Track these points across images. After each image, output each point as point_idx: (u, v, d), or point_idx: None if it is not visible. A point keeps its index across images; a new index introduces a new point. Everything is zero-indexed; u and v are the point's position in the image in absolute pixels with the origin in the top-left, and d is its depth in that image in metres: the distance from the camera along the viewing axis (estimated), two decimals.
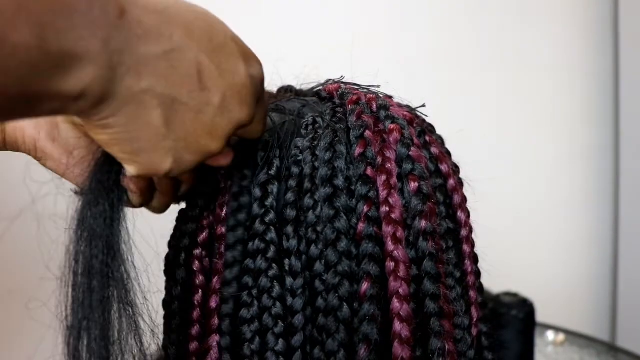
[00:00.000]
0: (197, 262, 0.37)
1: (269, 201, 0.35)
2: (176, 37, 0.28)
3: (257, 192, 0.36)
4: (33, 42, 0.22)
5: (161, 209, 0.38)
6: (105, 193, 0.32)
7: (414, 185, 0.35)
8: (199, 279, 0.37)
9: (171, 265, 0.39)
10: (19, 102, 0.24)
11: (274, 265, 0.35)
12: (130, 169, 0.30)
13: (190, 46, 0.28)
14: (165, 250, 0.40)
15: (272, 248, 0.35)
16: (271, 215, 0.35)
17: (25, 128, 0.35)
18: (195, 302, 0.37)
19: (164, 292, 0.39)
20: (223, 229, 0.37)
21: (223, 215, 0.37)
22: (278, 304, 0.34)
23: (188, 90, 0.29)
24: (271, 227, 0.35)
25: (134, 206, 0.35)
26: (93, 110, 0.26)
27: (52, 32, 0.23)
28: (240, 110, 0.32)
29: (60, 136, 0.35)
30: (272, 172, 0.36)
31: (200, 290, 0.37)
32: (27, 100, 0.24)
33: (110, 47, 0.25)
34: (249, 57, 0.32)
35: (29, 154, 0.36)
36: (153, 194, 0.37)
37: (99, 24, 0.24)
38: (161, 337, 0.39)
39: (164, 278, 0.40)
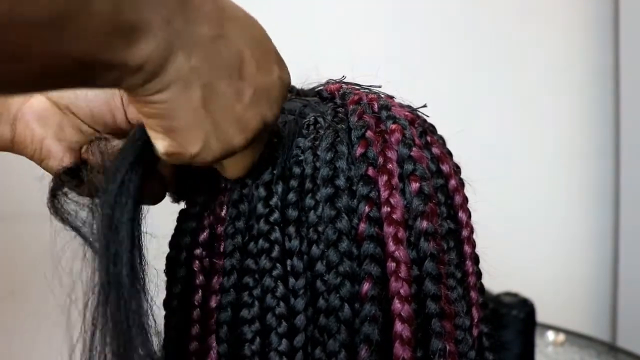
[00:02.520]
0: (197, 262, 0.37)
1: (274, 201, 0.35)
2: (227, 26, 0.30)
3: (262, 191, 0.36)
4: (110, 10, 0.24)
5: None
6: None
7: (415, 185, 0.35)
8: (199, 279, 0.37)
9: (172, 264, 0.39)
10: (87, 68, 0.25)
11: (278, 265, 0.35)
12: (159, 146, 0.31)
13: (237, 37, 0.31)
14: (166, 250, 0.40)
15: (277, 248, 0.35)
16: (275, 215, 0.35)
17: (35, 128, 0.37)
18: (195, 302, 0.37)
19: (164, 292, 0.39)
20: (222, 228, 0.37)
21: (223, 214, 0.37)
22: (282, 303, 0.34)
23: (228, 76, 0.30)
24: (275, 227, 0.35)
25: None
26: (146, 85, 0.28)
27: (127, 4, 0.25)
28: (268, 109, 0.33)
29: (65, 137, 0.38)
30: (276, 172, 0.36)
31: (200, 290, 0.37)
32: (93, 67, 0.25)
33: (171, 25, 0.27)
34: (282, 63, 0.34)
35: (32, 155, 0.38)
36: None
37: (165, 3, 0.27)
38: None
39: (165, 278, 0.39)
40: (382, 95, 0.42)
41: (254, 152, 0.35)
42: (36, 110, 0.37)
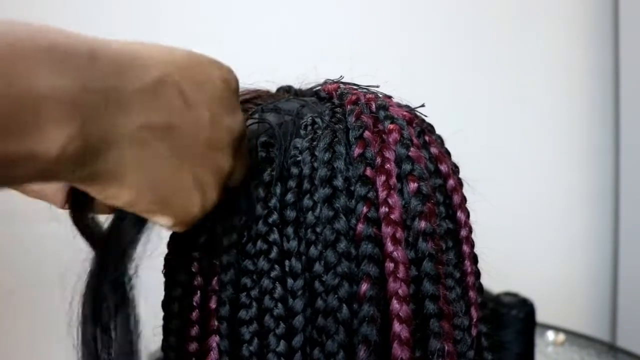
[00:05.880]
0: (195, 264, 0.37)
1: (273, 202, 0.35)
2: (152, 68, 0.27)
3: (260, 192, 0.36)
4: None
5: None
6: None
7: (413, 185, 0.35)
8: (198, 280, 0.37)
9: (170, 266, 0.39)
10: None
11: (276, 266, 0.35)
12: (165, 222, 0.30)
13: (165, 71, 0.28)
14: (164, 251, 0.40)
15: (275, 249, 0.35)
16: (275, 216, 0.35)
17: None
18: (194, 303, 0.37)
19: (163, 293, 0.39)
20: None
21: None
22: (280, 304, 0.34)
23: (178, 113, 0.28)
24: (274, 228, 0.35)
25: None
26: (100, 165, 0.25)
27: (16, 78, 0.21)
28: (232, 117, 0.31)
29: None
30: (275, 173, 0.36)
31: (198, 292, 0.37)
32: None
33: (87, 87, 0.23)
34: (216, 62, 0.31)
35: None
36: None
37: (69, 65, 0.23)
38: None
39: (163, 279, 0.39)
40: (380, 95, 0.41)
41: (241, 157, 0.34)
42: None
